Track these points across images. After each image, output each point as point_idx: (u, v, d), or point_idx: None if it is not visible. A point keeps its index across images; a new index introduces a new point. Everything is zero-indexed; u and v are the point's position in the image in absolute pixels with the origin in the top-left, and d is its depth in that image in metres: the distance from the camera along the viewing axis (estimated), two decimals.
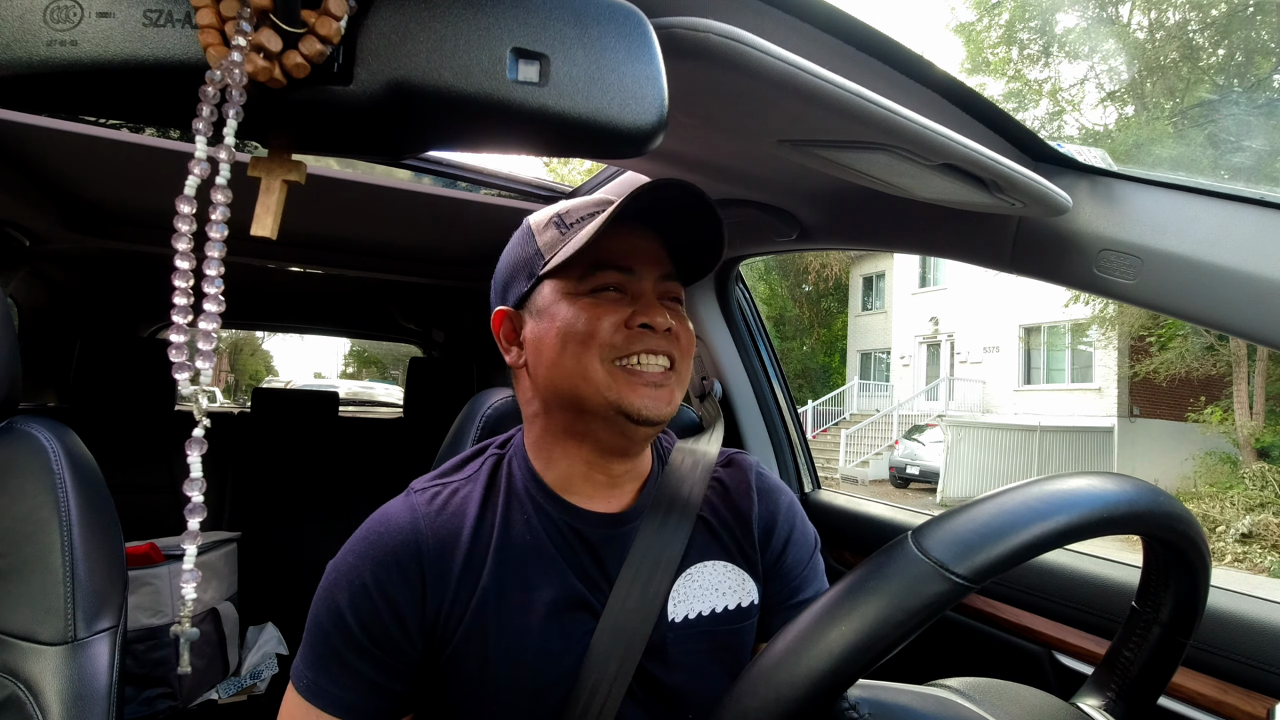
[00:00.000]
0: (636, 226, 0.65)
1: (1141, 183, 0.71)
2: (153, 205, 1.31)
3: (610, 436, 0.64)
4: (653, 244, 0.66)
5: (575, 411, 0.63)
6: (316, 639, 0.60)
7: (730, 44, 0.44)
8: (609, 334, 0.61)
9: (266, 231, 0.34)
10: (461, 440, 0.91)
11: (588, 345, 0.61)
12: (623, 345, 0.62)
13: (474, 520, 0.64)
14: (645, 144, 0.35)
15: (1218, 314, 0.65)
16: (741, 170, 0.91)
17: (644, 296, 0.64)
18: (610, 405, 0.61)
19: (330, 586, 0.61)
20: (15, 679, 0.64)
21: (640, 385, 0.61)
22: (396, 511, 0.64)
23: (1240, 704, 0.69)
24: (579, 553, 0.64)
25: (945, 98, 0.67)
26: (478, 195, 1.26)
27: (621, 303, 0.63)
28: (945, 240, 0.89)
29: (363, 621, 0.58)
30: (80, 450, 0.75)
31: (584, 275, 0.64)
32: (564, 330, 0.62)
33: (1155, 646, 0.46)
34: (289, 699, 0.60)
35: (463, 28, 0.31)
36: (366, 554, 0.61)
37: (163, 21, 0.30)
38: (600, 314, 0.62)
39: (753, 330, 1.43)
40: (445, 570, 0.61)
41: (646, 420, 0.61)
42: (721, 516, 0.71)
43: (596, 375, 0.61)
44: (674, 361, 0.64)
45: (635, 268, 0.64)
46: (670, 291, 0.67)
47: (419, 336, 2.82)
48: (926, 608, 0.31)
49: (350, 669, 0.58)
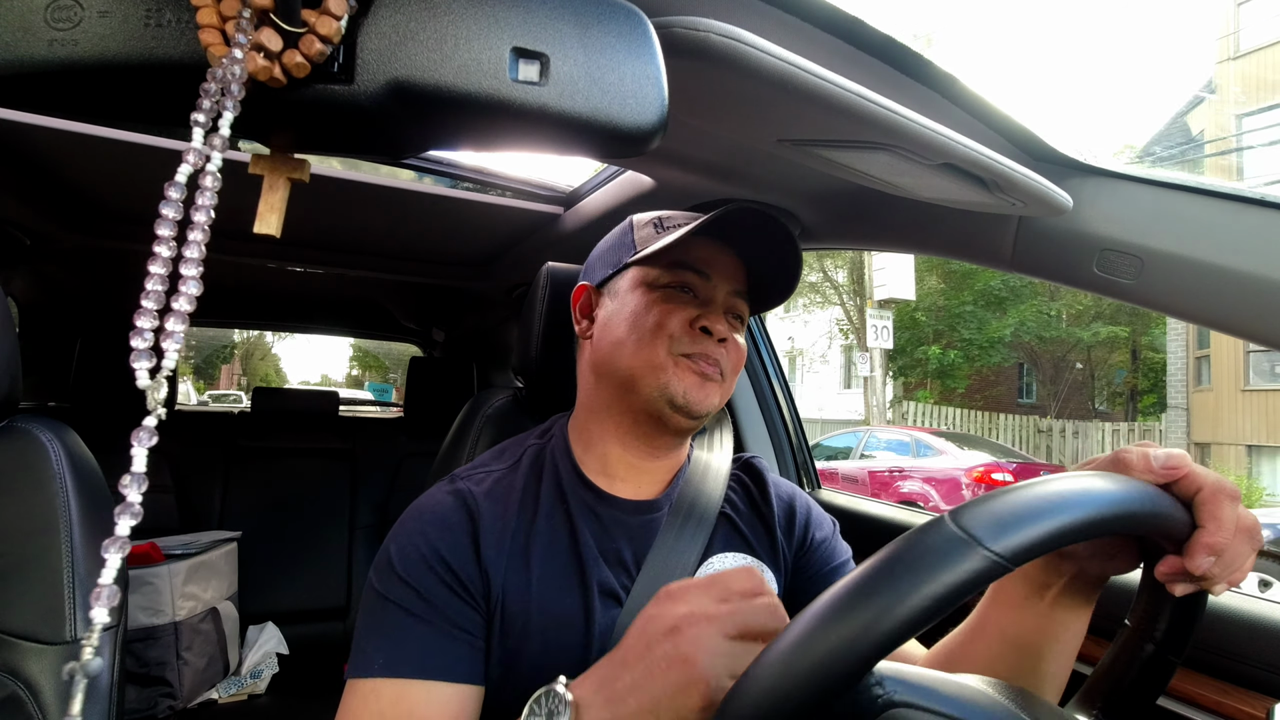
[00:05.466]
0: (725, 244, 0.70)
1: (1142, 182, 0.71)
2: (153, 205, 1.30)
3: (648, 420, 0.68)
4: (733, 261, 0.71)
5: (625, 388, 0.68)
6: (380, 618, 0.58)
7: (730, 44, 0.44)
8: (674, 329, 0.66)
9: (271, 229, 0.34)
10: (461, 440, 0.91)
11: (654, 334, 0.66)
12: (685, 344, 0.66)
13: (517, 505, 0.66)
14: (645, 144, 0.35)
15: (1218, 314, 0.65)
16: (741, 170, 0.91)
17: (712, 303, 0.69)
18: (658, 387, 0.65)
19: (385, 566, 0.61)
20: (15, 678, 0.64)
21: (691, 372, 0.66)
22: (441, 493, 0.66)
23: (1240, 704, 0.68)
24: (614, 540, 0.67)
25: (945, 98, 0.67)
26: (477, 195, 1.26)
27: (691, 304, 0.68)
28: (945, 240, 0.89)
29: (425, 581, 0.59)
30: (81, 450, 0.76)
31: (665, 271, 0.69)
32: (635, 315, 0.68)
33: (1146, 664, 0.46)
34: (360, 694, 0.57)
35: (463, 27, 0.31)
36: (416, 528, 0.62)
37: (163, 21, 0.30)
38: (670, 309, 0.67)
39: (753, 330, 1.43)
40: (495, 541, 0.63)
41: (686, 407, 0.65)
42: (743, 513, 0.74)
43: (654, 359, 0.66)
44: (722, 370, 0.68)
45: (712, 275, 0.69)
46: (736, 308, 0.71)
47: (419, 336, 2.82)
48: (964, 584, 0.31)
49: (424, 630, 0.58)
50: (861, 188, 0.78)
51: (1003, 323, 13.00)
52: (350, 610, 2.09)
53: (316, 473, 2.18)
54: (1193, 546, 0.41)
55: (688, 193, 1.01)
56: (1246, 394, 10.49)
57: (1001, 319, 13.11)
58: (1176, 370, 12.11)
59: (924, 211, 0.85)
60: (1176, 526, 0.41)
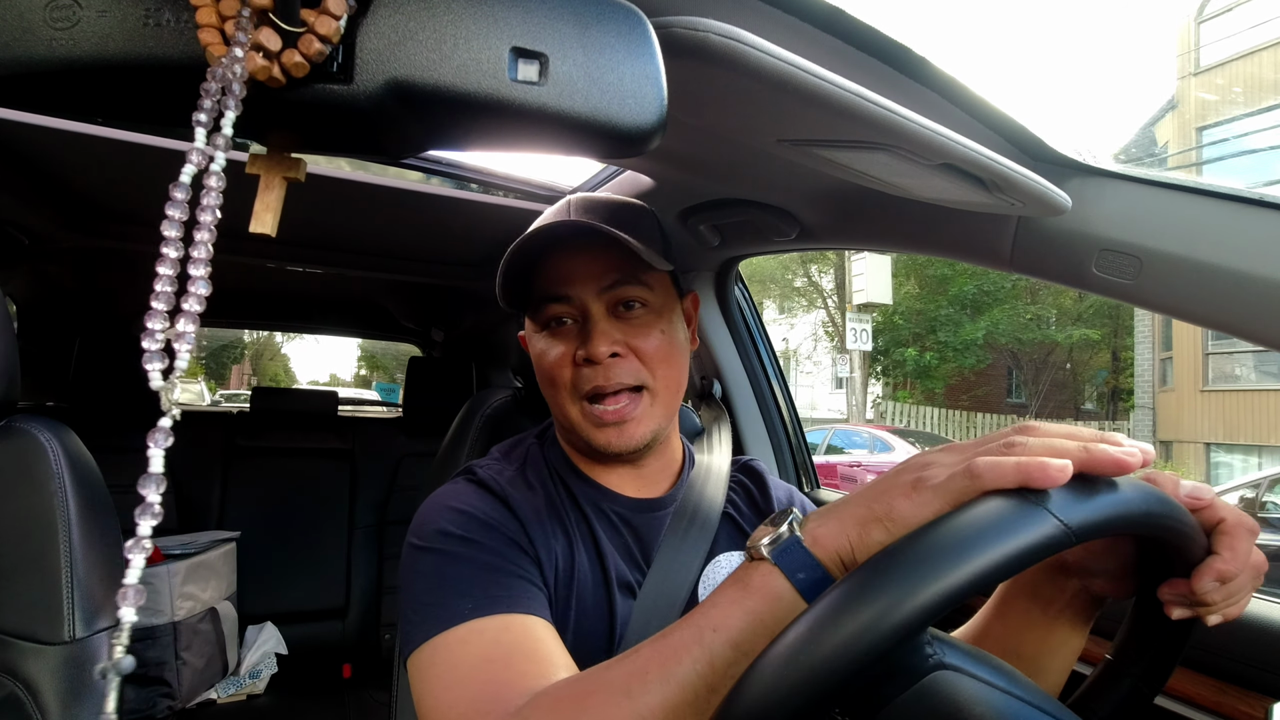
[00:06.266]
0: (575, 243, 0.65)
1: (1141, 183, 0.71)
2: (153, 205, 1.30)
3: (602, 458, 0.68)
4: (591, 255, 0.65)
5: (565, 432, 0.69)
6: (452, 573, 0.56)
7: (730, 44, 0.44)
8: (566, 374, 0.64)
9: (266, 229, 0.34)
10: (461, 439, 0.91)
11: (555, 386, 0.65)
12: (581, 383, 0.63)
13: (543, 500, 0.67)
14: (645, 144, 0.35)
15: (1218, 314, 0.65)
16: (741, 170, 0.91)
17: (588, 321, 0.64)
18: (584, 441, 0.65)
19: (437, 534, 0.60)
20: (14, 678, 0.64)
21: (603, 426, 0.64)
22: (465, 483, 0.66)
23: (1239, 704, 0.69)
24: (623, 535, 0.68)
25: (945, 98, 0.67)
26: (478, 195, 1.26)
27: (570, 335, 0.65)
28: (945, 240, 0.89)
29: (493, 539, 0.59)
30: (80, 450, 0.75)
31: (535, 311, 0.66)
32: (538, 369, 0.67)
33: (1123, 699, 0.46)
34: (458, 638, 0.52)
35: (462, 27, 0.31)
36: (458, 504, 0.62)
37: (162, 21, 0.30)
38: (554, 353, 0.65)
39: (752, 330, 1.43)
40: (535, 525, 0.63)
41: (612, 452, 0.65)
42: (745, 514, 0.75)
43: (571, 414, 0.65)
44: (641, 382, 0.64)
45: (572, 293, 0.64)
46: (622, 297, 0.65)
47: (419, 336, 2.82)
48: (1033, 550, 0.32)
49: (506, 579, 0.57)
50: (861, 188, 0.78)
51: (975, 325, 13.47)
52: (349, 610, 2.09)
53: (315, 472, 2.18)
54: (1203, 570, 0.41)
55: (688, 193, 1.01)
56: (1205, 394, 11.00)
57: (975, 322, 13.55)
58: (1144, 372, 12.70)
59: (923, 211, 0.85)
60: (1198, 549, 0.42)
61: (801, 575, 0.37)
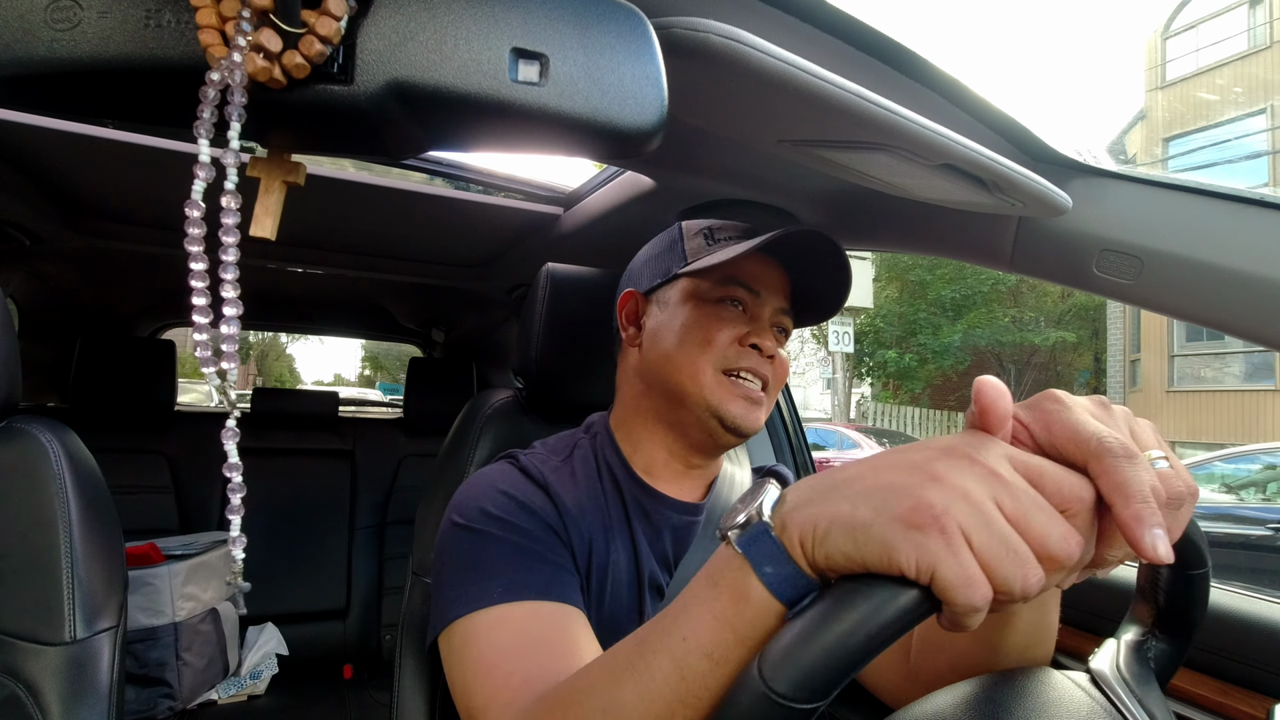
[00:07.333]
0: (773, 260, 0.72)
1: (1141, 183, 0.71)
2: (153, 205, 1.31)
3: (699, 434, 0.69)
4: (782, 278, 0.73)
5: (674, 401, 0.69)
6: (484, 554, 0.58)
7: (730, 44, 0.44)
8: (724, 344, 0.68)
9: (266, 232, 0.34)
10: (462, 440, 0.90)
11: (704, 349, 0.67)
12: (733, 358, 0.68)
13: (584, 492, 0.68)
14: (645, 144, 0.35)
15: (1218, 314, 0.65)
16: (741, 170, 0.91)
17: (760, 319, 0.71)
18: (708, 408, 0.67)
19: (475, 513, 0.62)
20: (15, 679, 0.64)
21: (739, 397, 0.67)
22: (507, 466, 0.68)
23: (1240, 704, 0.68)
24: (660, 535, 0.70)
25: (945, 98, 0.67)
26: (478, 195, 1.26)
27: (740, 319, 0.70)
28: (945, 240, 0.89)
29: (530, 523, 0.61)
30: (80, 450, 0.75)
31: (716, 285, 0.70)
32: (685, 329, 0.69)
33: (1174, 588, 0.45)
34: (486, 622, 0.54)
35: (463, 28, 0.31)
36: (499, 486, 0.64)
37: (163, 21, 0.30)
38: (721, 324, 0.68)
39: None
40: (574, 516, 0.65)
41: (736, 428, 0.67)
42: None
43: (704, 377, 0.67)
44: (767, 385, 0.70)
45: (762, 292, 0.71)
46: (782, 323, 0.73)
47: (419, 336, 2.82)
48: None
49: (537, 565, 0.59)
50: (861, 188, 0.78)
51: (953, 328, 13.75)
52: (350, 611, 2.09)
53: (316, 473, 2.17)
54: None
55: (688, 193, 1.01)
56: (1171, 395, 11.42)
57: (954, 325, 13.84)
58: (1116, 373, 13.05)
59: (923, 212, 0.85)
60: None
61: (769, 570, 0.33)
